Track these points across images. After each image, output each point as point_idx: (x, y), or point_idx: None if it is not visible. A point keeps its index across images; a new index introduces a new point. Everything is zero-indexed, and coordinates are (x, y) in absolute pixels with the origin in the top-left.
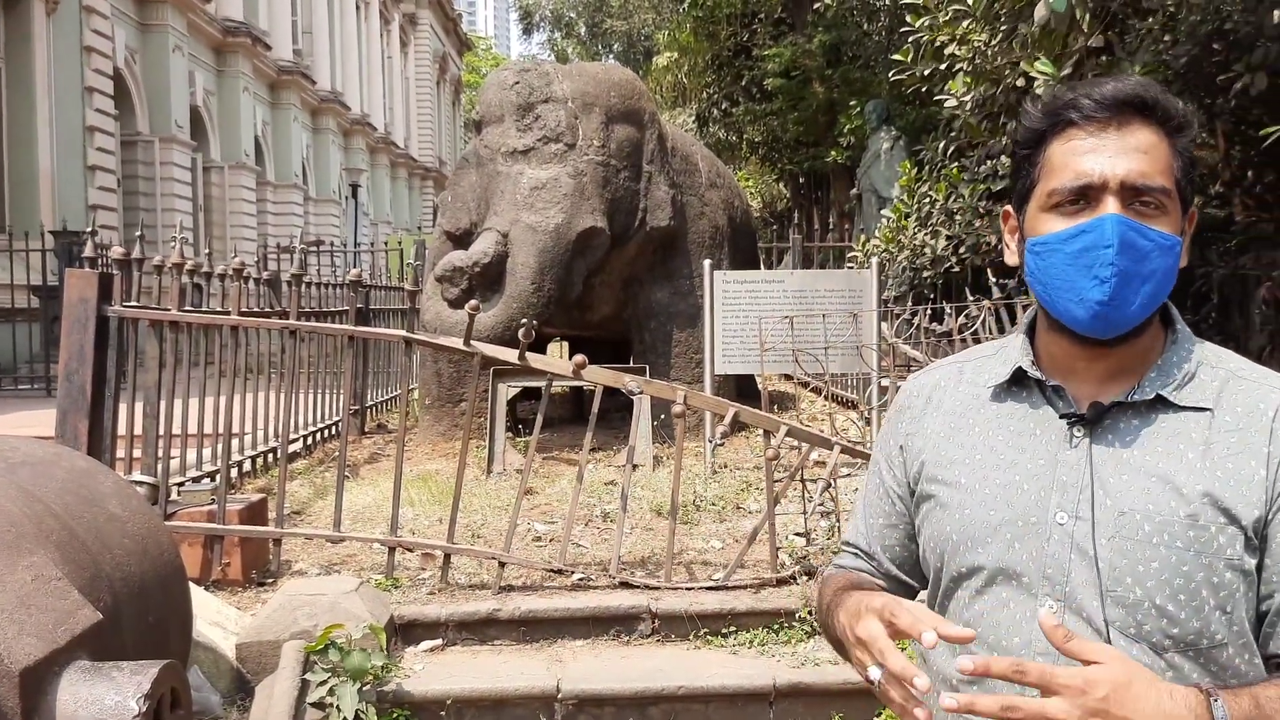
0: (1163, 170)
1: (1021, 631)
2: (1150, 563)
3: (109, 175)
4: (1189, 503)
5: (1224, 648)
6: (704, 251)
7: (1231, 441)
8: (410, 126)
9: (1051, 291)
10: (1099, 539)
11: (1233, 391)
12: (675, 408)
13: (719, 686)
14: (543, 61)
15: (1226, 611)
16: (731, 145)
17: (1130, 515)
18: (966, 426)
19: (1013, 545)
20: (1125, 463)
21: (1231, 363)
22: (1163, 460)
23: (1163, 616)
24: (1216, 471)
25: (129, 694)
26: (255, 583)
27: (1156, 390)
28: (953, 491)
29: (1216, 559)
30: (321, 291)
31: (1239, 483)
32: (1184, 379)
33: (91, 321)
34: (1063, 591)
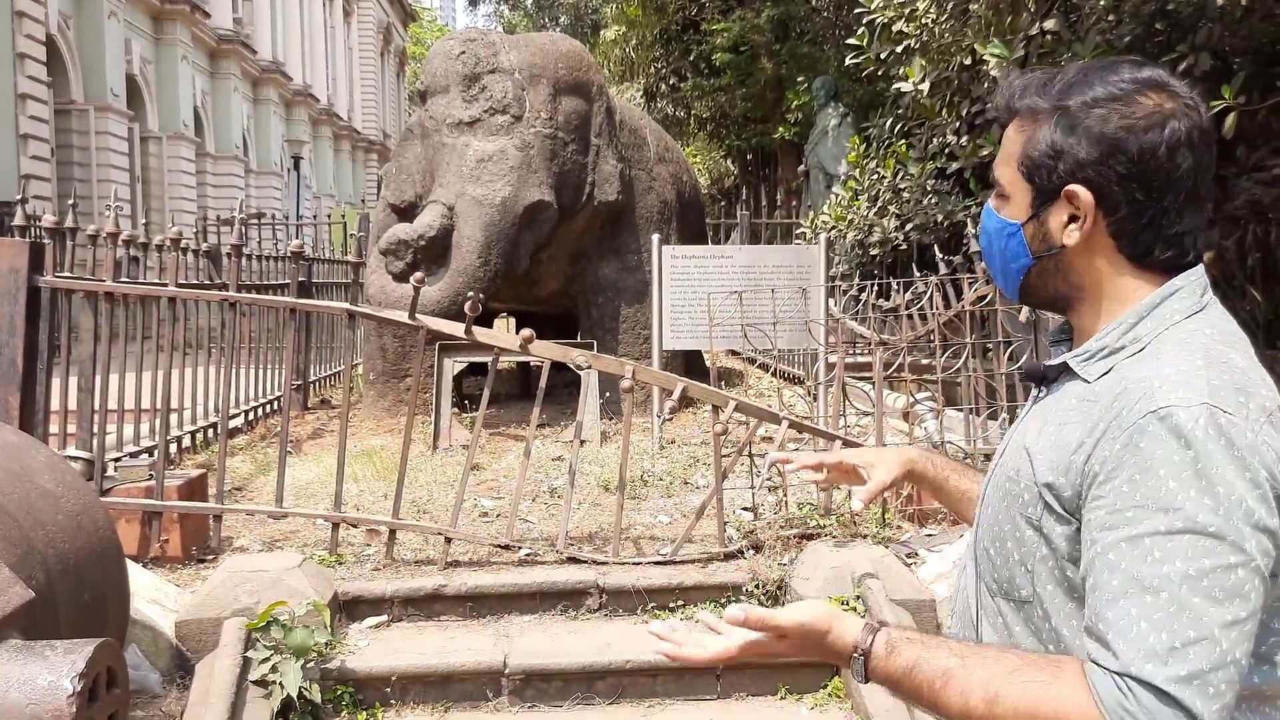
0: (1005, 159)
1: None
2: (988, 507)
3: (42, 144)
4: (1017, 456)
5: (1032, 605)
6: (652, 226)
7: (1082, 411)
8: (354, 98)
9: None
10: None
11: (1124, 368)
12: (624, 383)
13: (666, 659)
14: (489, 31)
15: (1028, 569)
16: (679, 121)
17: (1000, 468)
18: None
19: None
20: (1027, 419)
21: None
22: (1034, 421)
23: (988, 559)
24: (1050, 434)
25: (63, 673)
26: (195, 560)
27: (1067, 358)
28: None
29: (1019, 514)
30: (263, 264)
31: (1055, 447)
32: (1099, 351)
33: (22, 292)
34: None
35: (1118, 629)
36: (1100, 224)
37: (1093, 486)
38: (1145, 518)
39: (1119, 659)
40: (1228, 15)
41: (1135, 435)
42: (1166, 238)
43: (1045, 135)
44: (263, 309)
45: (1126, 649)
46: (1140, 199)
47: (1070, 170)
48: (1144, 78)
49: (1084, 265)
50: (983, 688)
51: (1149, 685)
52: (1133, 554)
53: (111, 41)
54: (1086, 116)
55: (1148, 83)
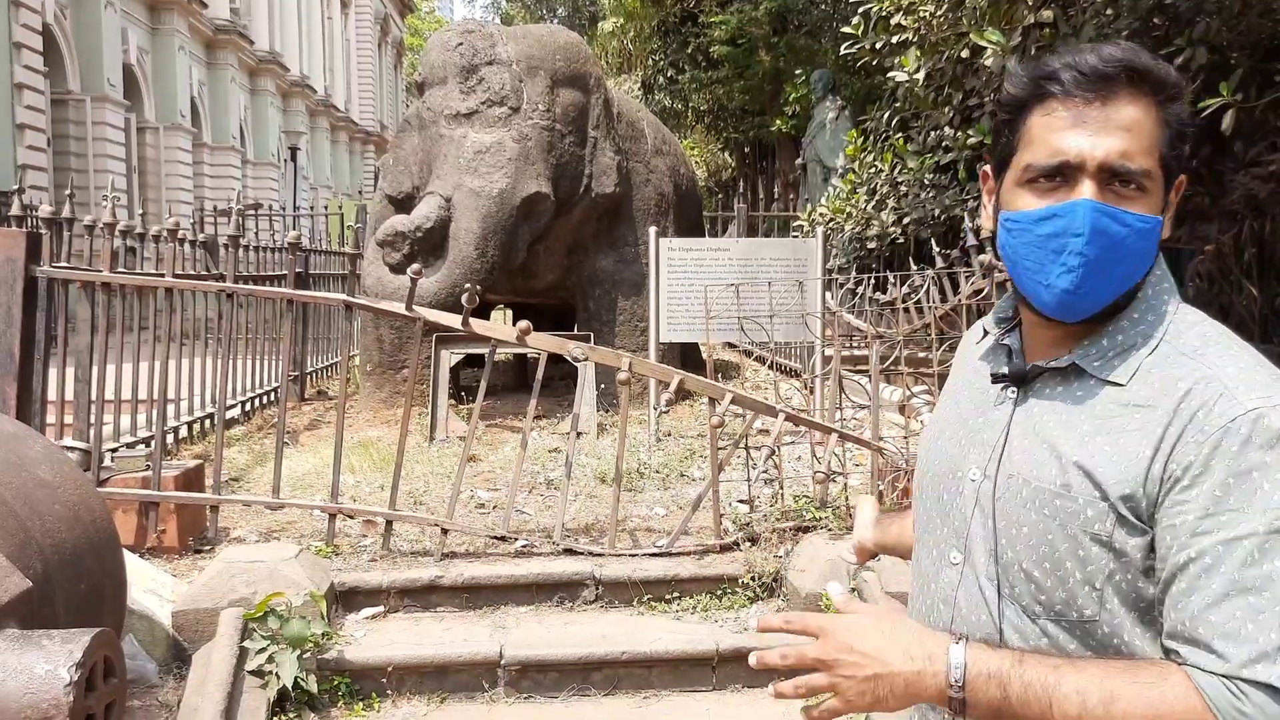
0: (1146, 149)
1: (936, 578)
2: (1021, 526)
3: (38, 134)
4: (1064, 471)
5: (1098, 624)
6: (649, 219)
7: (1133, 417)
8: (351, 89)
9: (1020, 271)
10: (996, 498)
11: (1161, 367)
12: (620, 375)
13: (662, 651)
14: (487, 23)
15: (1096, 587)
16: (677, 113)
17: (1015, 478)
18: (955, 380)
19: (941, 496)
20: (1031, 427)
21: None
22: (1057, 428)
23: (1030, 582)
24: (1103, 445)
25: (60, 662)
26: (192, 550)
27: (1075, 359)
28: (925, 442)
29: (1081, 532)
30: (260, 255)
31: (1120, 458)
32: (1114, 350)
33: (19, 282)
34: (964, 545)
35: (1223, 632)
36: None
37: (1173, 491)
38: (1241, 520)
39: (1227, 661)
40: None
41: (1225, 438)
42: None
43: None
44: (260, 300)
45: (1235, 651)
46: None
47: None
48: None
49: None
50: (1099, 686)
51: (1262, 685)
52: (1231, 556)
53: (108, 31)
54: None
55: None
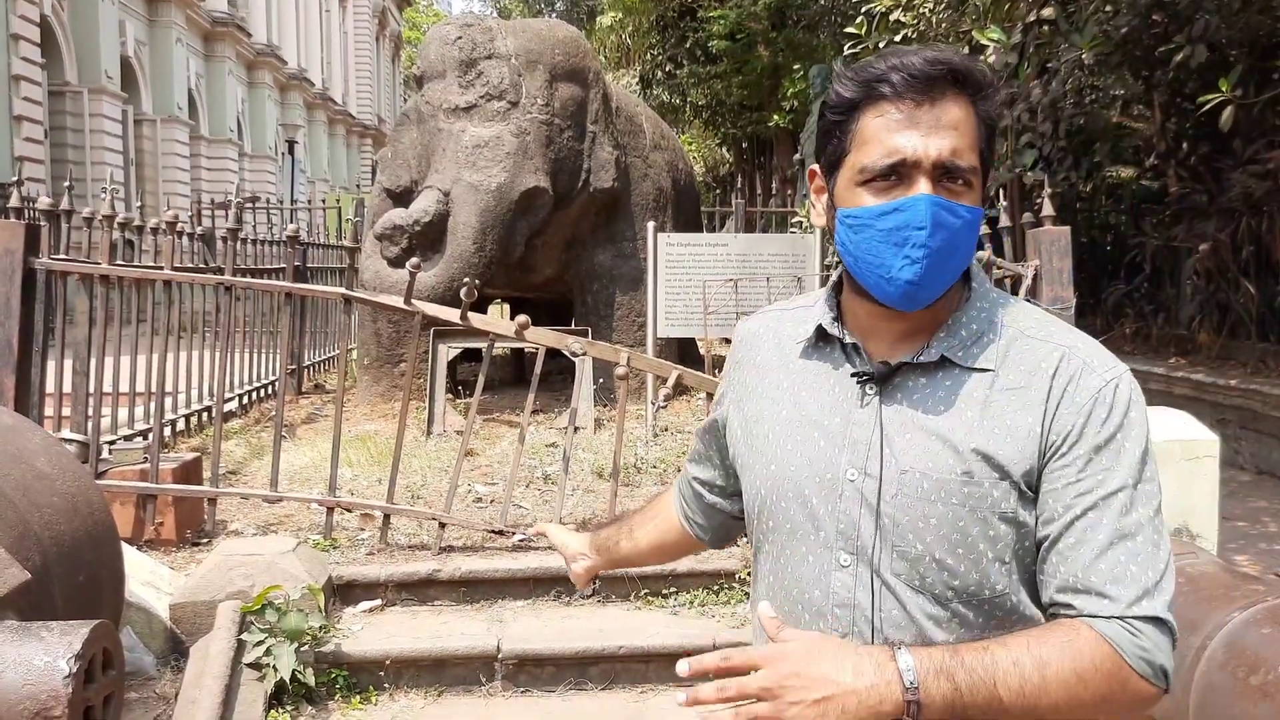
0: (971, 145)
1: (821, 584)
2: (929, 519)
3: (36, 126)
4: (964, 460)
5: (1007, 596)
6: (647, 214)
7: (1011, 399)
8: (349, 83)
9: (862, 266)
10: (884, 496)
11: (1019, 350)
12: (618, 369)
13: (659, 646)
14: (486, 17)
15: (1005, 562)
16: (675, 108)
17: (911, 473)
18: (775, 382)
19: (809, 501)
20: (909, 421)
21: (1022, 320)
22: (943, 419)
23: (943, 570)
24: (994, 429)
25: (59, 654)
26: (190, 543)
27: (941, 351)
28: (762, 448)
29: (991, 513)
30: (258, 249)
31: (1013, 438)
32: (970, 339)
33: (18, 274)
34: (854, 545)
35: (1111, 577)
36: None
37: (1053, 459)
38: (1113, 477)
39: (1117, 602)
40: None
41: (1094, 407)
42: None
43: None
44: (258, 293)
45: (1123, 592)
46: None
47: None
48: None
49: None
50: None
51: (1150, 619)
52: (1109, 509)
53: (106, 24)
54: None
55: None
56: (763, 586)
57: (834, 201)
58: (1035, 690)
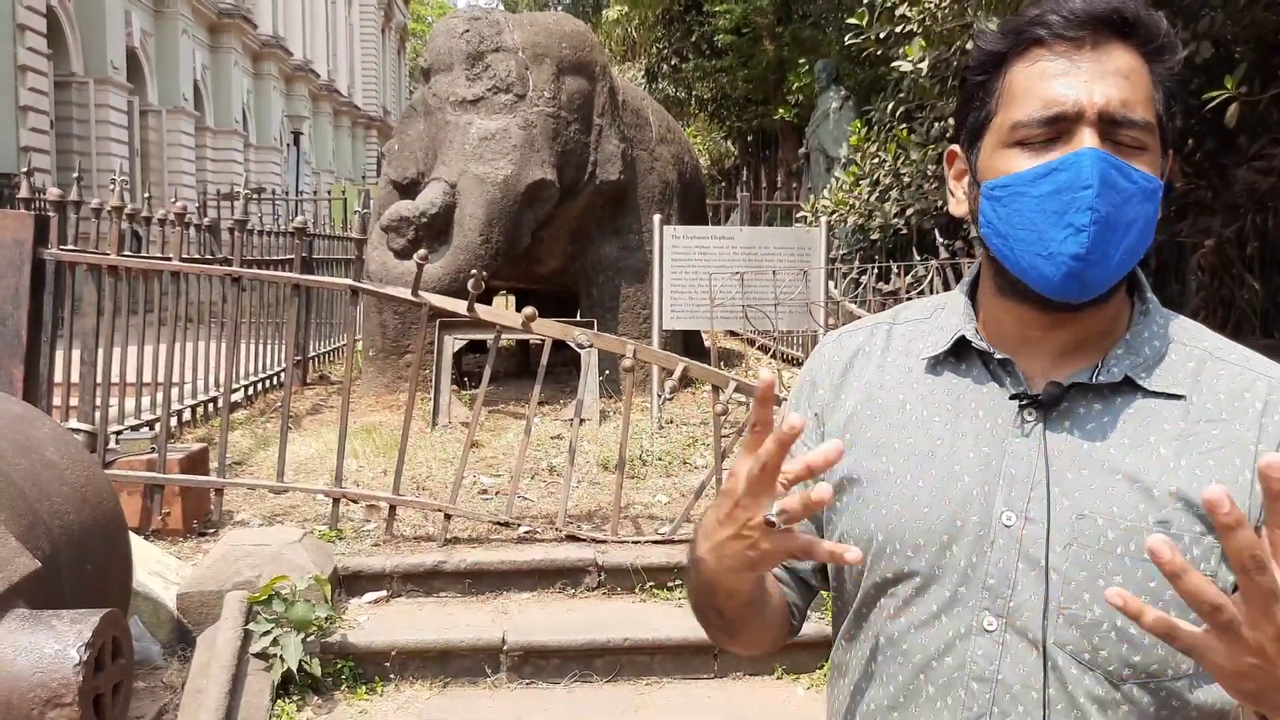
0: (1145, 100)
1: (955, 652)
2: (1113, 576)
3: (42, 116)
4: (1159, 506)
5: (1189, 679)
6: (653, 206)
7: (1213, 434)
8: (354, 74)
9: (1014, 244)
10: (1053, 546)
11: (1211, 375)
12: (625, 361)
13: (664, 638)
14: (493, 10)
15: None
16: (680, 101)
17: (1091, 519)
18: (897, 404)
19: (949, 549)
20: (1086, 456)
21: (1206, 340)
22: (1130, 455)
23: (1124, 641)
24: (1195, 469)
25: (70, 642)
26: (196, 533)
27: (1125, 371)
28: (879, 481)
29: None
30: (264, 240)
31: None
32: (1154, 358)
33: (27, 264)
34: (1005, 607)
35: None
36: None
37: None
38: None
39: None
40: (1230, 3)
41: None
42: None
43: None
44: (264, 284)
45: None
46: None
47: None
48: None
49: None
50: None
51: None
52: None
53: (112, 14)
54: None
55: None
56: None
57: (977, 178)
58: None
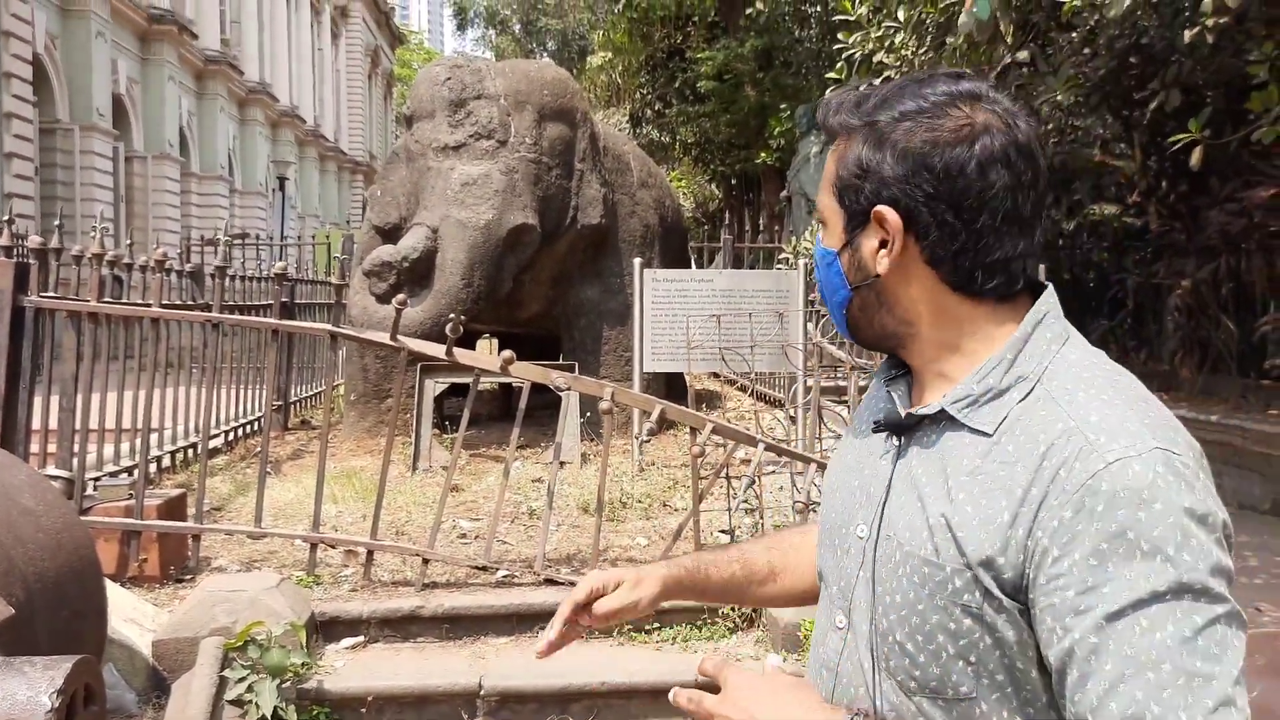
0: (827, 183)
1: (824, 641)
2: (894, 594)
3: (26, 163)
4: (933, 535)
5: (974, 702)
6: (634, 250)
7: (999, 474)
8: (340, 120)
9: None
10: (878, 558)
11: (1032, 416)
12: (602, 404)
13: (642, 682)
14: (475, 58)
15: (971, 662)
16: (664, 146)
17: (891, 539)
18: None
19: (833, 552)
20: (911, 481)
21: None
22: (930, 484)
23: (904, 655)
24: (967, 504)
25: (41, 689)
26: (173, 579)
27: (943, 405)
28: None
29: (952, 602)
30: (246, 285)
31: (982, 522)
32: (986, 393)
33: (6, 311)
34: (849, 608)
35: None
36: (913, 249)
37: (1045, 565)
38: (1122, 589)
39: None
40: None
41: (1088, 498)
42: (987, 264)
43: (854, 154)
44: (245, 329)
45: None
46: (951, 220)
47: (876, 190)
48: (958, 90)
49: (906, 296)
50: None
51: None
52: (1118, 632)
53: (98, 61)
54: (893, 131)
55: (961, 95)
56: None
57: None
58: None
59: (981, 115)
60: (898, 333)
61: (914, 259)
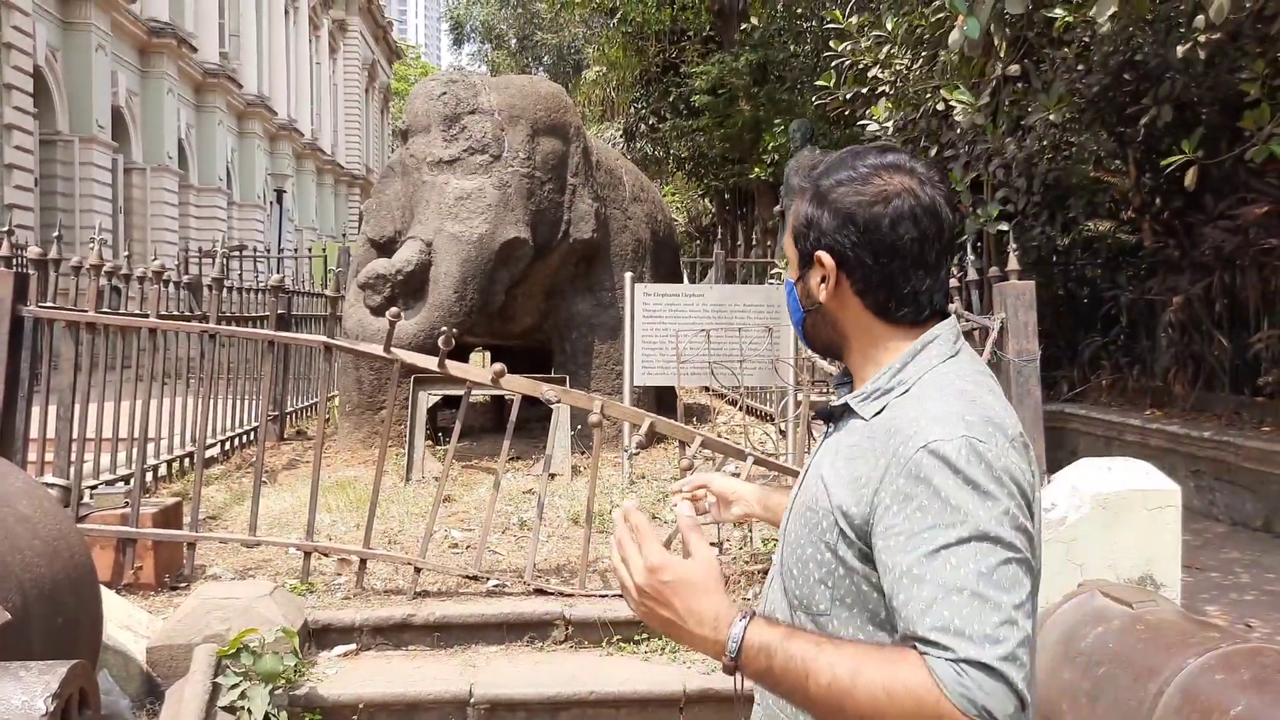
0: (788, 230)
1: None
2: (793, 534)
3: (26, 174)
4: (817, 485)
5: (828, 617)
6: (626, 264)
7: (865, 448)
8: (338, 133)
9: None
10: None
11: (897, 409)
12: (592, 417)
13: (630, 692)
14: (470, 73)
15: (828, 585)
16: (658, 160)
17: (800, 495)
18: None
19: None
20: (823, 452)
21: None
22: (828, 454)
23: (792, 579)
24: (839, 467)
25: (36, 693)
26: (168, 587)
27: (844, 397)
28: None
29: (820, 539)
30: (243, 296)
31: (846, 482)
32: (875, 390)
33: (5, 321)
34: (779, 557)
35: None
36: (844, 284)
37: (884, 518)
38: (937, 535)
39: (951, 650)
40: (1192, 66)
41: (913, 468)
42: (900, 296)
43: (803, 209)
44: (240, 340)
45: (958, 642)
46: (870, 263)
47: (817, 238)
48: (883, 162)
49: (841, 318)
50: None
51: (980, 664)
52: (935, 567)
53: (98, 74)
54: (831, 193)
55: (884, 166)
56: None
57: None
58: (841, 692)
59: (897, 182)
60: (837, 344)
61: (846, 290)
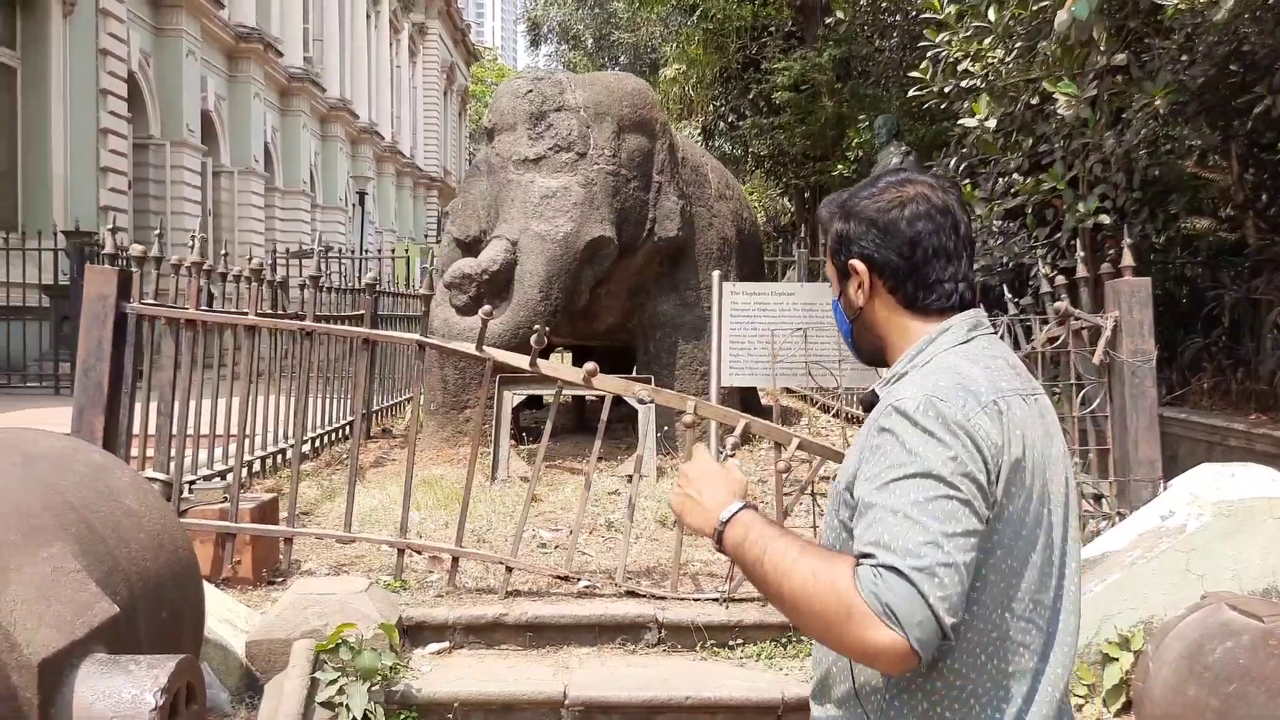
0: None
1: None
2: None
3: (120, 177)
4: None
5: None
6: (711, 263)
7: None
8: (417, 136)
9: None
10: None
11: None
12: (685, 418)
13: (726, 698)
14: (556, 71)
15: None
16: (737, 159)
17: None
18: None
19: None
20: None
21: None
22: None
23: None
24: (854, 445)
25: (146, 687)
26: (265, 581)
27: (873, 386)
28: None
29: (834, 514)
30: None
31: (855, 451)
32: (894, 377)
33: (110, 318)
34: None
35: (874, 542)
36: (878, 284)
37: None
38: (890, 473)
39: (877, 558)
40: None
41: (882, 423)
42: (928, 284)
43: (834, 228)
44: (332, 339)
45: (881, 552)
46: (895, 260)
47: (849, 250)
48: (899, 179)
49: (878, 319)
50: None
51: (893, 569)
52: (883, 495)
53: (189, 79)
54: (855, 207)
55: (900, 181)
56: None
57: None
58: (783, 573)
59: (911, 189)
60: (880, 348)
61: (880, 290)
